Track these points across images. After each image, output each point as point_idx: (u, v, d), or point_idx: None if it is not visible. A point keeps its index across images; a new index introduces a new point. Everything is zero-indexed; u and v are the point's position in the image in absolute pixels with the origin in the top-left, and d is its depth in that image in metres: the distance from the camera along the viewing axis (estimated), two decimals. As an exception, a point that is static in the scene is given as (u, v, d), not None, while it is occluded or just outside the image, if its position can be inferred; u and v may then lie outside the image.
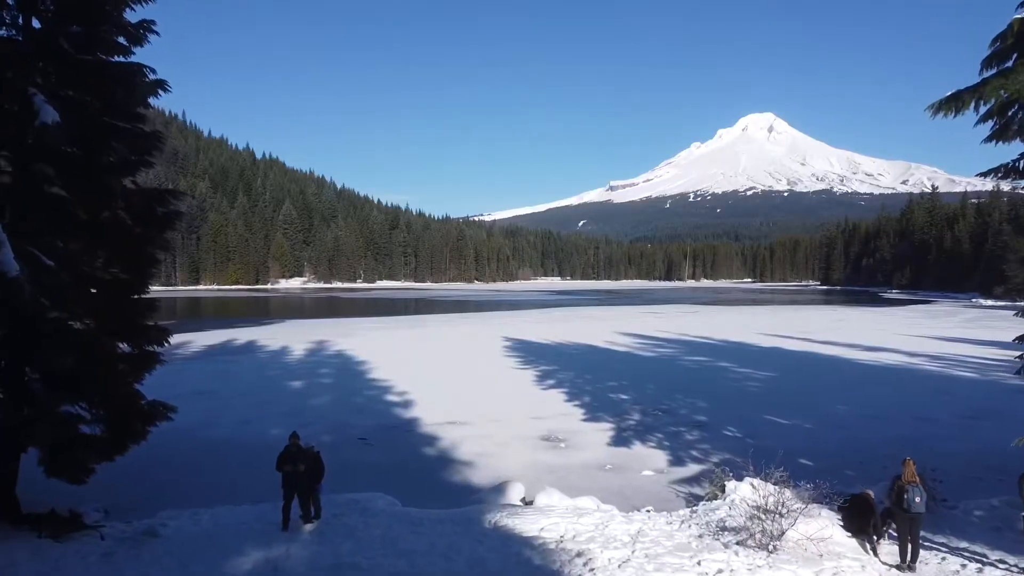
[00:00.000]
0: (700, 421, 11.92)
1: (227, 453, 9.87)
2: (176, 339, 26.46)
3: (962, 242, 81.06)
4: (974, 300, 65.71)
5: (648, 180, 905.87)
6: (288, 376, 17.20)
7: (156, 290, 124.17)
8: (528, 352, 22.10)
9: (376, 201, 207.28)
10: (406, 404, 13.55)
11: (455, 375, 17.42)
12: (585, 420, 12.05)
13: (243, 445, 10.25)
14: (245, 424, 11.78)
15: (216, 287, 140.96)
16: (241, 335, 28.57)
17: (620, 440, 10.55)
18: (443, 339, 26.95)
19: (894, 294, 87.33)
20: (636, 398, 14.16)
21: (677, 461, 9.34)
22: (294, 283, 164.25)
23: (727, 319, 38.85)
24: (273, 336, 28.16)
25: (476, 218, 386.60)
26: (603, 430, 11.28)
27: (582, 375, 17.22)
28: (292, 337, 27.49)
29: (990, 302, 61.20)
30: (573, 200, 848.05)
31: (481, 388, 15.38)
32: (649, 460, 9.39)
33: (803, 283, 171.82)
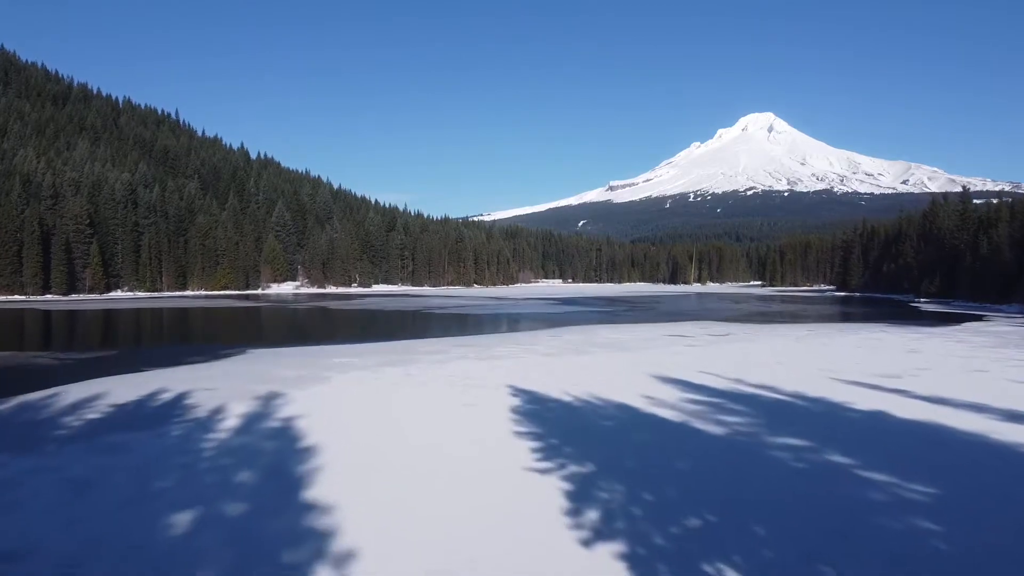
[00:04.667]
0: None
1: None
2: (88, 390, 20.28)
3: (1002, 249, 74.92)
4: (1027, 314, 59.60)
5: (648, 180, 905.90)
6: (185, 488, 11.08)
7: (141, 296, 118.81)
8: (544, 424, 15.96)
9: (373, 202, 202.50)
10: (348, 557, 7.42)
11: (439, 480, 11.31)
12: None
13: None
14: None
15: (204, 292, 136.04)
16: (175, 382, 22.41)
17: None
18: (431, 391, 20.79)
19: (926, 305, 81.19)
20: (752, 569, 8.04)
21: None
22: (286, 287, 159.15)
23: (772, 349, 32.69)
24: (215, 384, 22.01)
25: (476, 218, 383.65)
26: None
27: (636, 493, 11.06)
28: (238, 387, 21.34)
29: (1049, 318, 55.08)
30: (573, 200, 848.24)
31: (478, 519, 9.30)
32: None
33: (816, 287, 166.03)
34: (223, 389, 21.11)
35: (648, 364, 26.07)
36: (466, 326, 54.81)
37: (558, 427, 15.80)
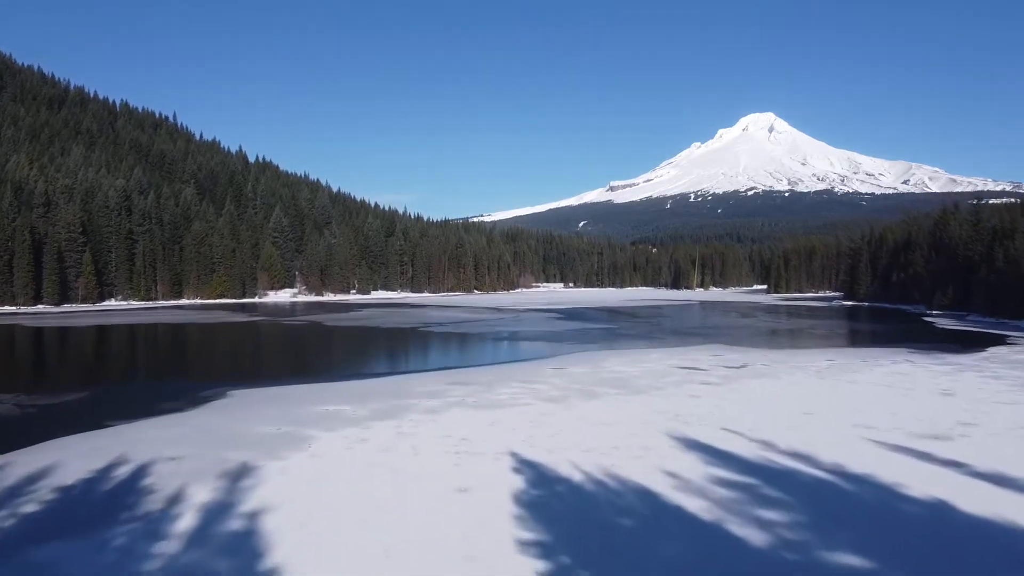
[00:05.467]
0: None
1: None
2: (35, 462, 17.79)
3: (1019, 261, 72.48)
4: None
5: (648, 180, 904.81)
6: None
7: (135, 306, 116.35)
8: (553, 525, 13.54)
9: (373, 205, 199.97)
10: None
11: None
12: None
13: None
14: None
15: (200, 301, 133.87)
16: (137, 446, 20.06)
17: None
18: (422, 463, 18.42)
19: (940, 320, 78.77)
20: None
21: None
22: (284, 295, 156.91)
23: (795, 391, 30.34)
24: (181, 450, 19.66)
25: (476, 219, 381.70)
26: None
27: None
28: (206, 456, 18.97)
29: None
30: (573, 200, 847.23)
31: None
32: None
33: (822, 293, 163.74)
34: (189, 459, 18.78)
35: (664, 417, 23.71)
36: (464, 351, 52.58)
37: (570, 530, 13.41)
